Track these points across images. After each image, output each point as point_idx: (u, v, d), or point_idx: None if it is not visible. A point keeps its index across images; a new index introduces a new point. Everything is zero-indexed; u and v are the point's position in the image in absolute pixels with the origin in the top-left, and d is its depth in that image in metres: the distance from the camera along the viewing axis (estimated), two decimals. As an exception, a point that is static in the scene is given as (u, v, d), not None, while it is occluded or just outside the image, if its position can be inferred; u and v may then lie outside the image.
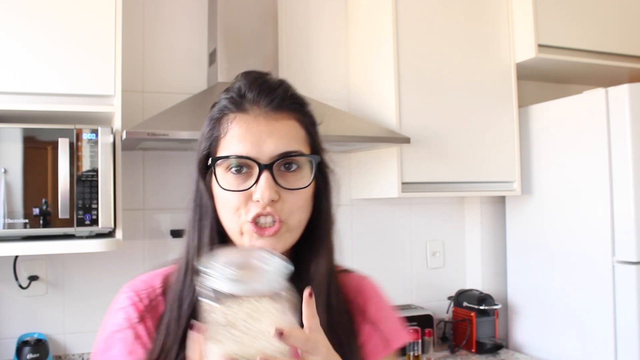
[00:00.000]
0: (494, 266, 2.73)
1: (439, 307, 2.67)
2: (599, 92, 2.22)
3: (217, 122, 0.91)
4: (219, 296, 0.68)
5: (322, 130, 0.94)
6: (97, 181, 1.78)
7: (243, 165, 0.85)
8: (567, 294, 2.32)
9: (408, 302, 2.66)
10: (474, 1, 2.48)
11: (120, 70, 1.87)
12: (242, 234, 0.86)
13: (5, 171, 1.71)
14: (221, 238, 0.88)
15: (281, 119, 0.86)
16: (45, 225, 1.74)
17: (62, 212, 1.74)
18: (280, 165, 0.84)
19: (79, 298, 2.17)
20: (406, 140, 2.20)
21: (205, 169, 0.91)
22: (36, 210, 1.73)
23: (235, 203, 0.85)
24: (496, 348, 2.44)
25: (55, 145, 1.75)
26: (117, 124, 1.85)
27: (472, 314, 2.47)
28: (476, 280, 2.72)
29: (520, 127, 2.53)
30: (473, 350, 2.45)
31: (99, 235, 1.83)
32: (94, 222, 1.77)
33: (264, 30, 2.24)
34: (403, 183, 2.28)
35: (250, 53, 2.21)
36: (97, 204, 1.78)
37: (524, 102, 2.62)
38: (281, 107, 0.87)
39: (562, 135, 2.39)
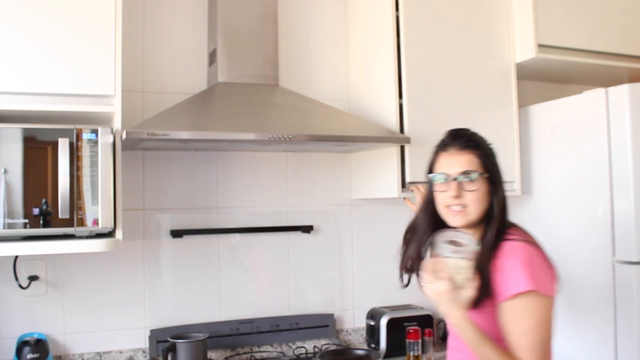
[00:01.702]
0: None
1: (439, 307, 2.67)
2: (599, 92, 2.21)
3: (434, 155, 1.58)
4: (444, 253, 1.45)
5: (322, 130, 1.10)
6: (97, 181, 1.78)
7: (445, 177, 1.52)
8: (567, 293, 2.31)
9: (408, 302, 2.66)
10: (474, 1, 2.48)
11: (120, 70, 1.87)
12: (444, 213, 1.53)
13: (5, 171, 1.71)
14: (435, 214, 1.57)
15: (464, 153, 1.52)
16: (45, 225, 1.74)
17: (62, 212, 1.74)
18: (463, 177, 1.49)
19: (78, 298, 2.17)
20: (406, 140, 2.21)
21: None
22: (36, 210, 1.73)
23: (441, 197, 1.54)
24: (496, 348, 2.44)
25: (55, 145, 1.75)
26: (117, 124, 1.85)
27: (472, 314, 2.47)
28: (476, 280, 2.71)
29: (520, 127, 2.53)
30: (473, 350, 2.45)
31: (99, 235, 1.83)
32: (94, 222, 1.77)
33: (264, 30, 2.24)
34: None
35: (250, 53, 2.22)
36: (97, 204, 1.78)
37: (524, 102, 2.62)
38: (464, 147, 1.52)
39: (562, 135, 2.39)
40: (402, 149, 2.29)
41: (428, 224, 1.58)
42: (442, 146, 1.56)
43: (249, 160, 2.44)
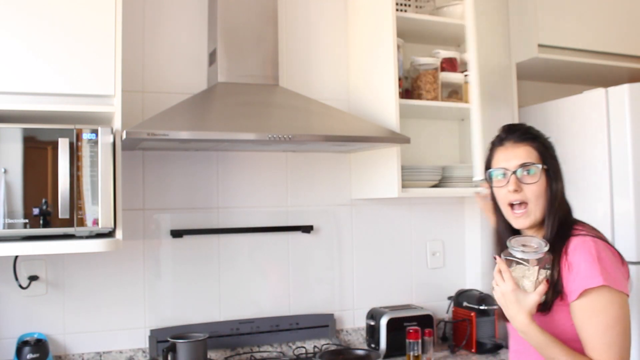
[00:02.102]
0: (494, 266, 2.72)
1: (439, 307, 2.67)
2: (599, 92, 2.22)
3: (490, 151, 1.57)
4: (513, 255, 1.43)
5: (322, 130, 1.12)
6: (97, 181, 1.78)
7: (504, 172, 1.50)
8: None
9: (408, 302, 2.66)
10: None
11: (120, 70, 1.87)
12: (509, 217, 1.52)
13: (5, 171, 1.71)
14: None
15: (521, 146, 1.49)
16: (45, 225, 1.74)
17: (62, 212, 1.74)
18: (522, 170, 1.47)
19: (78, 298, 2.17)
20: (406, 140, 2.21)
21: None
22: (36, 210, 1.73)
23: (500, 193, 1.52)
24: (496, 348, 2.44)
25: (55, 145, 1.75)
26: (117, 124, 1.85)
27: (472, 314, 2.47)
28: (476, 280, 2.72)
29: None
30: (473, 350, 2.45)
31: (99, 235, 1.83)
32: (94, 222, 1.77)
33: (264, 30, 2.24)
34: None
35: (250, 53, 2.21)
36: (97, 204, 1.78)
37: (524, 102, 2.62)
38: (521, 140, 1.50)
39: (562, 135, 2.39)
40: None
41: (501, 224, 1.56)
42: (499, 141, 1.54)
43: (249, 160, 2.44)
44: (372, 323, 2.45)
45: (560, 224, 1.44)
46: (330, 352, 2.30)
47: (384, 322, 2.39)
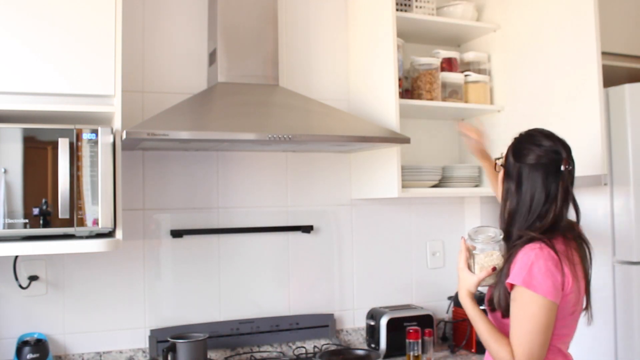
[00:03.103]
0: None
1: (439, 307, 2.67)
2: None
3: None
4: (476, 245, 1.66)
5: (322, 130, 1.13)
6: (97, 181, 1.78)
7: None
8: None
9: (408, 302, 2.66)
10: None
11: (120, 70, 1.87)
12: None
13: (5, 171, 1.71)
14: None
15: None
16: (45, 225, 1.74)
17: (62, 212, 1.74)
18: None
19: (78, 298, 2.17)
20: (406, 140, 2.21)
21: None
22: (36, 210, 1.73)
23: None
24: (496, 348, 2.44)
25: (55, 145, 1.75)
26: (117, 124, 1.85)
27: (472, 314, 2.47)
28: (476, 280, 2.71)
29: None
30: (473, 350, 2.45)
31: (99, 235, 1.83)
32: (94, 222, 1.77)
33: (264, 30, 2.24)
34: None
35: (250, 53, 2.21)
36: (97, 204, 1.78)
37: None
38: None
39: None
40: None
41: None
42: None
43: (249, 160, 2.44)
44: (372, 323, 2.45)
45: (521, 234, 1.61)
46: (330, 352, 2.30)
47: (384, 322, 2.39)
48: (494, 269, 1.61)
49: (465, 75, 2.55)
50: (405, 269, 2.69)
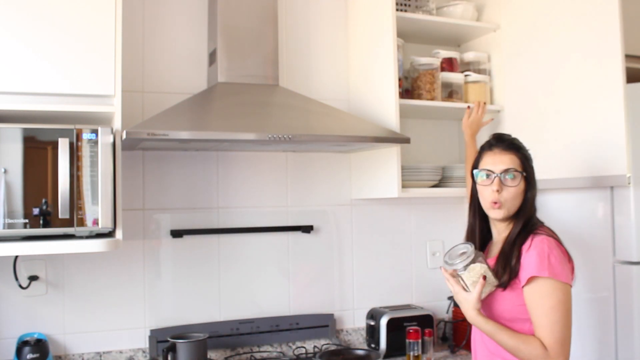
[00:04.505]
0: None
1: (439, 307, 2.67)
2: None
3: (479, 154, 1.80)
4: (454, 266, 1.68)
5: (322, 130, 1.15)
6: (97, 181, 1.78)
7: (488, 174, 1.74)
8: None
9: (408, 302, 2.66)
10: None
11: (120, 70, 1.87)
12: (487, 208, 1.75)
13: (5, 171, 1.71)
14: (479, 207, 1.81)
15: (507, 154, 1.73)
16: (45, 225, 1.74)
17: (62, 212, 1.74)
18: (504, 174, 1.71)
19: (78, 298, 2.17)
20: (406, 140, 2.21)
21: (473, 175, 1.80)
22: (36, 210, 1.73)
23: (484, 191, 1.75)
24: (496, 348, 2.45)
25: (55, 145, 1.75)
26: (117, 124, 1.85)
27: (472, 314, 2.47)
28: (476, 280, 2.72)
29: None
30: (473, 350, 2.45)
31: (99, 235, 1.83)
32: (94, 222, 1.77)
33: (264, 30, 2.24)
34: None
35: (250, 53, 2.22)
36: (97, 204, 1.78)
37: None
38: (507, 148, 1.74)
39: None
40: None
41: (474, 216, 1.85)
42: (488, 146, 1.78)
43: (249, 160, 2.44)
44: (372, 323, 2.45)
45: (525, 223, 1.71)
46: (330, 352, 2.30)
47: (384, 322, 2.39)
48: (485, 277, 1.65)
49: (465, 75, 2.55)
50: (405, 269, 2.69)
